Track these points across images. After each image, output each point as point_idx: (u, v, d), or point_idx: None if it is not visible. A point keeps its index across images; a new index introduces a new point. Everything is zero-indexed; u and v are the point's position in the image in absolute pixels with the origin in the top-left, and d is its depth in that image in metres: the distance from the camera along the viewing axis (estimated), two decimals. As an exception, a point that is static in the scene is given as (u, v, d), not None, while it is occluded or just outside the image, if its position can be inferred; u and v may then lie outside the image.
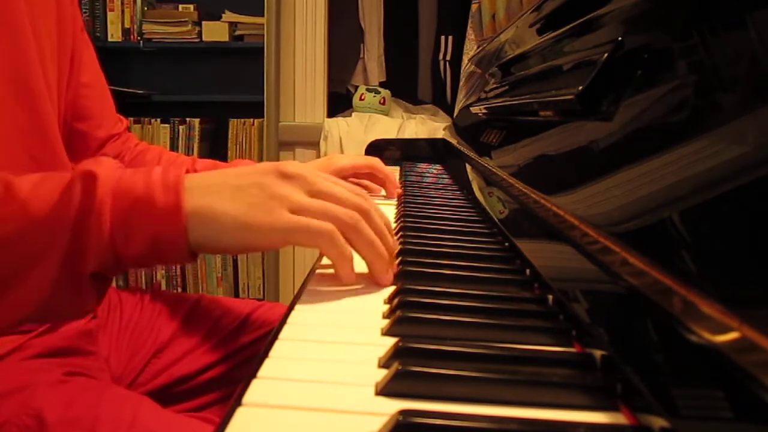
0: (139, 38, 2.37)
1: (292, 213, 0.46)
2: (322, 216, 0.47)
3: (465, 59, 1.78)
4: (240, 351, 0.81)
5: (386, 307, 0.45)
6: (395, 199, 0.91)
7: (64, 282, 0.44)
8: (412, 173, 1.19)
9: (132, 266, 0.47)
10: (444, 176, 1.18)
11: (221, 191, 0.46)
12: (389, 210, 0.84)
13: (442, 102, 2.55)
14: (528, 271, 0.52)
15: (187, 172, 0.48)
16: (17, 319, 0.47)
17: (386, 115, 2.31)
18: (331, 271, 0.52)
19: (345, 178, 0.91)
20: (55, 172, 0.47)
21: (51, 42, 0.69)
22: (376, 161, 0.92)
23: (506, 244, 0.61)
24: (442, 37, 2.55)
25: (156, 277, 2.42)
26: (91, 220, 0.44)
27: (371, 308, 0.45)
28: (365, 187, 0.98)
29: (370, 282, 0.50)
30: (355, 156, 0.94)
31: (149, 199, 0.45)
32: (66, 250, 0.43)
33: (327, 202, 0.48)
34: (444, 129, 1.68)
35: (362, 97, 2.33)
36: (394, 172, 1.22)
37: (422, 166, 1.33)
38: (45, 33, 0.67)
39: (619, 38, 0.48)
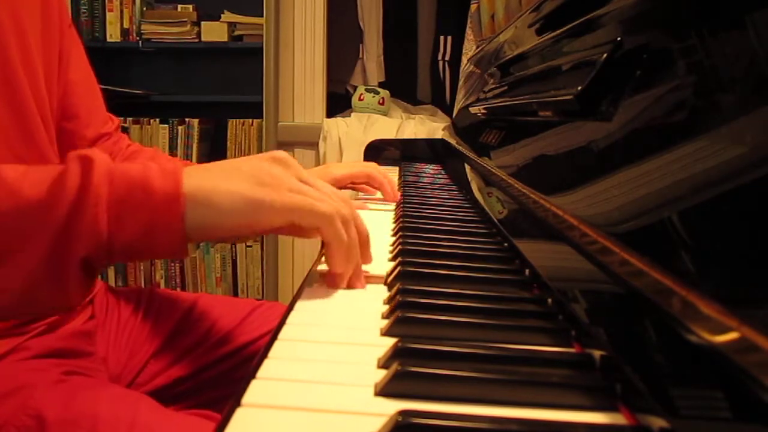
0: (138, 38, 2.37)
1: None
2: (320, 202, 0.47)
3: (464, 59, 1.78)
4: (239, 351, 0.81)
5: (385, 307, 0.45)
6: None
7: (51, 266, 0.43)
8: (411, 174, 1.19)
9: (121, 255, 0.45)
10: (443, 176, 1.18)
11: (221, 173, 0.47)
12: (388, 211, 0.84)
13: (441, 102, 2.55)
14: (527, 271, 0.52)
15: None
16: None
17: (385, 115, 2.31)
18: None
19: (341, 188, 0.91)
20: (47, 165, 0.46)
21: (35, 39, 0.68)
22: (374, 168, 0.92)
23: (505, 244, 0.61)
24: (441, 38, 2.56)
25: (155, 276, 2.42)
26: (87, 202, 0.43)
27: (370, 309, 0.45)
28: (361, 191, 0.98)
29: (369, 283, 0.50)
30: (351, 164, 0.93)
31: (147, 184, 0.44)
32: (58, 231, 0.42)
33: (322, 193, 0.48)
34: (443, 129, 1.68)
35: (361, 98, 2.33)
36: (393, 172, 1.22)
37: (421, 167, 1.33)
38: (29, 30, 0.66)
39: (618, 39, 0.48)
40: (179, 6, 2.38)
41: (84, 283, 0.45)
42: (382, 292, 0.48)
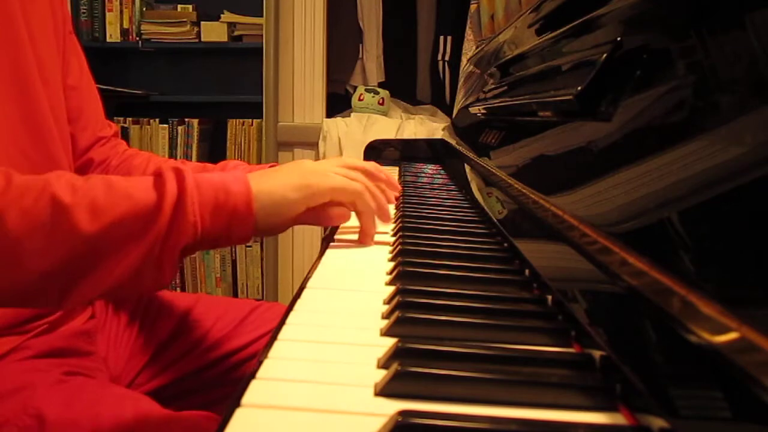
0: (137, 38, 2.37)
1: None
2: (354, 182, 0.62)
3: (464, 59, 1.78)
4: (239, 351, 0.81)
5: (385, 307, 0.45)
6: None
7: (154, 258, 0.51)
8: (411, 174, 1.19)
9: (204, 245, 0.55)
10: (442, 176, 1.18)
11: (275, 175, 0.59)
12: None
13: (440, 102, 2.54)
14: (527, 271, 0.52)
15: None
16: (100, 292, 0.51)
17: (385, 115, 2.31)
18: (330, 266, 0.52)
19: None
20: (140, 176, 0.55)
21: (48, 44, 0.69)
22: (374, 165, 0.92)
23: (505, 244, 0.61)
24: (441, 38, 2.55)
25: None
26: (186, 204, 0.52)
27: (370, 309, 0.45)
28: None
29: (370, 283, 0.50)
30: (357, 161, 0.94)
31: (227, 188, 0.54)
32: (164, 228, 0.51)
33: (356, 174, 0.64)
34: (443, 129, 1.68)
35: (361, 98, 2.33)
36: (393, 172, 1.22)
37: (421, 167, 1.33)
38: (40, 35, 0.67)
39: (618, 39, 0.48)
40: (179, 6, 2.38)
41: (177, 267, 0.54)
42: (382, 292, 0.48)
